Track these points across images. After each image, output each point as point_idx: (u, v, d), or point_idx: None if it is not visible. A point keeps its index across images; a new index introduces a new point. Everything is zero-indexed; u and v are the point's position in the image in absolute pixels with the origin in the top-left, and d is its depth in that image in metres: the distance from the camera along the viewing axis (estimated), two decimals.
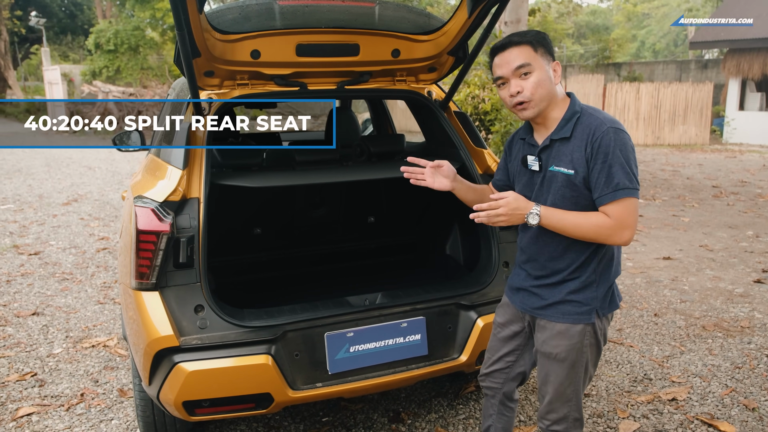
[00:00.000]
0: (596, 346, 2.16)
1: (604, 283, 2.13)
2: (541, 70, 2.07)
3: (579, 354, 2.14)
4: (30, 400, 3.47)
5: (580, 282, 2.11)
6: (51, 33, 34.77)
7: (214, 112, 2.83)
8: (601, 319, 2.14)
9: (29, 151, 16.35)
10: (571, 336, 2.13)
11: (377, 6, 2.94)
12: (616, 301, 2.18)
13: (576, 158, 2.02)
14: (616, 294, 2.20)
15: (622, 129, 2.01)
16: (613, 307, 2.17)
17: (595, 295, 2.11)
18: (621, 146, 1.98)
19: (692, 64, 23.57)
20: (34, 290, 5.32)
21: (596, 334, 2.14)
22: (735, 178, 12.01)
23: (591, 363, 2.18)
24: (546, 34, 2.12)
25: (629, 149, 1.99)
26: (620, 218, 1.96)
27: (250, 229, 3.66)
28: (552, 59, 2.10)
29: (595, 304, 2.11)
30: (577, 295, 2.12)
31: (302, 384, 2.52)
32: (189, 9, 2.20)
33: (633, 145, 2.02)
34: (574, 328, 2.12)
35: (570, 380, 2.18)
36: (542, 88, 2.07)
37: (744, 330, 4.40)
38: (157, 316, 2.36)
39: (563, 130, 2.07)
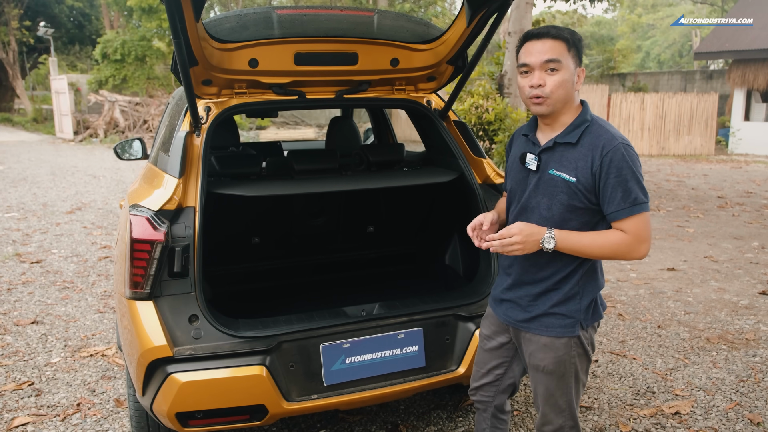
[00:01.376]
0: (584, 355, 2.14)
1: (588, 295, 2.10)
2: (567, 70, 2.01)
3: (567, 366, 2.11)
4: (26, 409, 3.44)
5: (563, 294, 2.09)
6: (59, 43, 34.99)
7: (211, 120, 2.82)
8: (587, 330, 2.12)
9: (35, 159, 16.42)
10: (556, 349, 2.10)
11: (376, 15, 2.93)
12: (600, 311, 2.16)
13: (581, 167, 1.99)
14: (600, 303, 2.17)
15: (630, 145, 2.01)
16: (597, 317, 2.14)
17: (578, 307, 2.09)
18: (633, 162, 1.97)
19: (697, 74, 23.53)
20: (35, 299, 5.31)
21: (583, 344, 2.11)
22: (740, 189, 11.94)
23: (582, 372, 2.16)
24: (581, 38, 2.06)
25: (639, 165, 2.00)
26: (638, 233, 1.95)
27: (248, 239, 3.64)
28: (580, 64, 2.05)
29: (578, 316, 2.09)
30: (560, 308, 2.09)
31: (297, 395, 2.49)
32: (186, 17, 2.19)
33: (636, 159, 2.02)
34: (559, 341, 2.09)
35: (561, 391, 2.15)
36: (563, 89, 2.01)
37: (749, 342, 4.34)
38: (151, 325, 2.34)
39: (570, 135, 2.04)
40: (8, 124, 30.88)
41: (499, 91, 11.12)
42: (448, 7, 35.60)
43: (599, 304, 2.16)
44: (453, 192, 3.31)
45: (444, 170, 3.23)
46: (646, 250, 1.98)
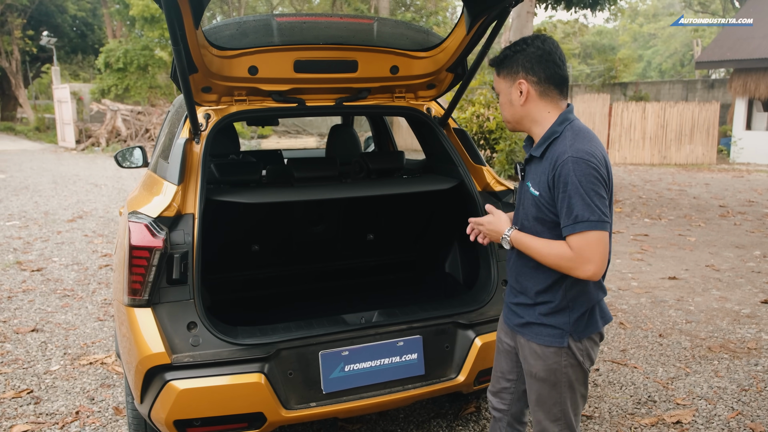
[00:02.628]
0: (578, 366, 2.10)
1: (578, 308, 2.06)
2: (503, 93, 2.10)
3: (558, 374, 2.10)
4: (25, 417, 3.43)
5: (550, 307, 2.07)
6: (62, 52, 35.12)
7: (211, 128, 2.82)
8: (581, 341, 2.08)
9: (37, 168, 16.46)
10: (546, 357, 2.10)
11: (376, 22, 2.94)
12: (597, 324, 2.11)
13: (542, 181, 2.00)
14: (598, 315, 2.12)
15: (584, 158, 1.89)
16: (593, 330, 2.10)
17: (567, 320, 2.06)
18: (581, 176, 1.88)
19: (698, 83, 23.56)
20: (35, 306, 5.30)
21: (575, 355, 2.08)
22: (742, 198, 11.92)
23: (577, 382, 2.13)
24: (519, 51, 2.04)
25: (593, 179, 1.88)
26: (580, 252, 1.88)
27: (248, 246, 3.63)
28: (518, 77, 2.03)
29: (567, 328, 2.06)
30: (549, 319, 2.08)
31: (296, 403, 2.48)
32: (185, 24, 2.20)
33: (601, 175, 1.90)
34: (549, 350, 2.09)
35: (554, 400, 2.13)
36: (504, 110, 2.13)
37: (751, 351, 4.32)
38: (149, 332, 2.34)
39: (537, 149, 2.05)
40: (11, 133, 30.98)
41: None
42: (449, 17, 35.74)
43: (597, 316, 2.11)
44: (453, 199, 3.31)
45: (444, 178, 3.23)
46: (592, 270, 1.89)
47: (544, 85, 2.02)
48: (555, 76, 2.02)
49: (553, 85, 2.03)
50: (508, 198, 3.09)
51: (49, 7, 33.66)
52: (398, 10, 31.27)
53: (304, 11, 34.37)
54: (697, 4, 39.05)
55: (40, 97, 40.43)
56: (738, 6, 33.22)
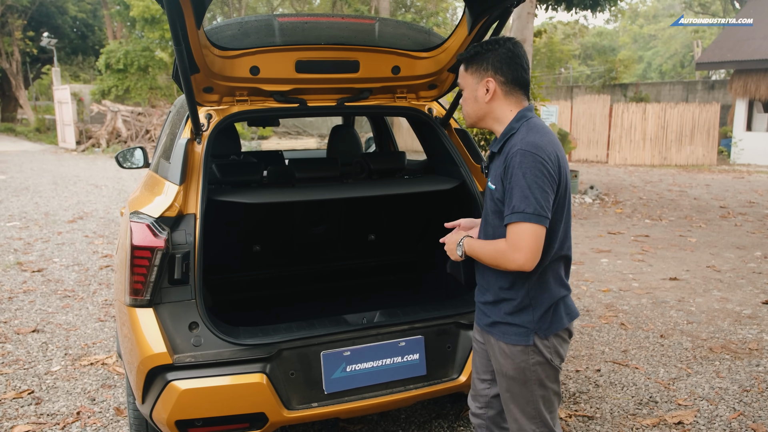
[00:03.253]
0: (547, 364, 2.11)
1: (540, 305, 2.08)
2: (468, 88, 2.15)
3: (527, 373, 2.11)
4: (26, 418, 3.43)
5: (513, 305, 2.09)
6: (62, 53, 35.14)
7: (213, 128, 2.82)
8: (548, 339, 2.10)
9: (38, 169, 16.46)
10: (513, 356, 2.11)
11: (377, 23, 2.94)
12: (562, 321, 2.12)
13: (497, 175, 2.06)
14: (563, 312, 2.12)
15: (531, 151, 1.93)
16: (558, 327, 2.11)
17: (531, 318, 2.07)
18: (526, 169, 1.91)
19: (699, 84, 23.56)
20: (36, 307, 5.30)
21: (542, 353, 2.10)
22: (743, 199, 11.92)
23: (548, 380, 2.14)
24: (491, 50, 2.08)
25: (537, 173, 1.91)
26: (513, 241, 1.93)
27: (249, 247, 3.63)
28: (486, 75, 2.08)
29: (532, 326, 2.08)
30: (513, 318, 2.10)
31: (297, 404, 2.48)
32: (187, 24, 2.20)
33: (547, 170, 1.93)
34: (515, 349, 2.10)
35: (526, 399, 2.15)
36: (466, 106, 2.18)
37: (752, 352, 4.31)
38: (151, 333, 2.33)
39: (495, 145, 2.12)
40: (11, 134, 31.00)
41: None
42: (449, 17, 35.76)
43: (562, 312, 2.12)
44: (454, 200, 3.30)
45: (445, 178, 3.23)
46: (521, 260, 1.92)
47: (510, 85, 2.09)
48: (521, 78, 2.10)
49: (518, 86, 2.10)
50: None
51: (50, 8, 33.70)
52: (398, 11, 31.29)
53: (305, 12, 34.37)
54: (697, 5, 39.07)
55: (41, 98, 40.45)
56: (738, 7, 33.24)
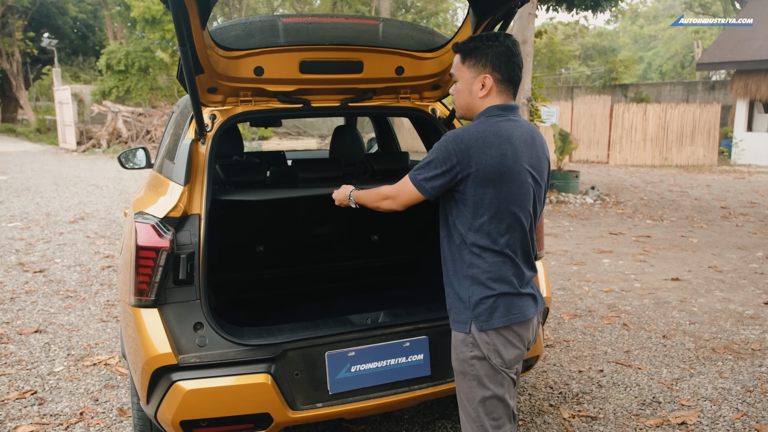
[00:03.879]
0: (485, 361, 2.12)
1: (476, 293, 2.12)
2: (463, 80, 2.18)
3: (466, 365, 2.16)
4: (29, 418, 3.43)
5: (451, 289, 2.20)
6: (63, 54, 35.14)
7: (217, 128, 2.82)
8: (486, 333, 2.11)
9: (38, 169, 16.47)
10: (455, 345, 2.19)
11: (381, 23, 2.94)
12: (498, 318, 2.11)
13: None
14: (503, 308, 2.12)
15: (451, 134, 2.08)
16: (496, 324, 2.11)
17: (467, 304, 2.14)
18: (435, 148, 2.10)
19: (699, 85, 23.57)
20: (38, 308, 5.30)
21: (479, 347, 2.12)
22: (744, 199, 11.92)
23: (488, 380, 2.13)
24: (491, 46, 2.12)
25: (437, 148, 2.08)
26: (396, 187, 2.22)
27: (252, 247, 3.63)
28: (485, 71, 2.13)
29: (468, 314, 2.14)
30: (454, 303, 2.19)
31: (302, 404, 2.48)
32: (192, 25, 2.20)
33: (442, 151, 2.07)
34: (457, 337, 2.18)
35: (466, 395, 2.18)
36: (459, 98, 2.22)
37: (755, 353, 4.31)
38: (156, 333, 2.33)
39: None
40: (11, 135, 31.01)
41: None
42: (450, 18, 35.78)
43: (503, 310, 2.12)
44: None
45: None
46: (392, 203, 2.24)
47: (505, 84, 2.14)
48: (515, 77, 2.15)
49: (511, 85, 2.16)
50: None
51: (50, 8, 33.72)
52: (399, 12, 31.30)
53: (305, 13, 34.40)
54: (698, 5, 39.08)
55: (41, 98, 40.44)
56: (739, 8, 33.25)
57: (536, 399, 3.65)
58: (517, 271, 2.16)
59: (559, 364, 4.14)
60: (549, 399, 3.65)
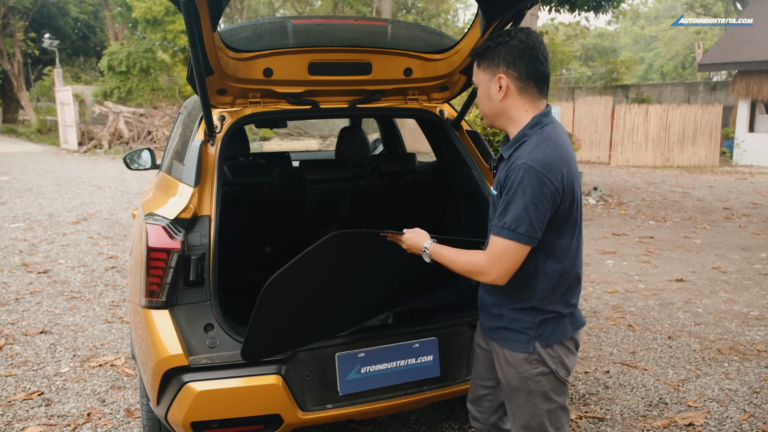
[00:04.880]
0: (551, 375, 2.04)
1: (541, 313, 2.01)
2: (481, 86, 2.04)
3: (531, 383, 2.04)
4: (36, 419, 3.43)
5: (512, 309, 2.04)
6: (64, 55, 35.13)
7: (226, 130, 2.82)
8: (551, 347, 2.02)
9: (40, 170, 16.47)
10: (517, 364, 2.05)
11: (390, 25, 2.95)
12: (567, 329, 2.05)
13: (499, 180, 1.99)
14: (568, 320, 2.06)
15: (536, 169, 1.84)
16: (562, 335, 2.04)
17: (531, 324, 2.01)
18: (526, 187, 1.83)
19: (701, 86, 23.57)
20: (43, 308, 5.30)
21: (545, 362, 2.02)
22: (746, 200, 11.92)
23: (553, 393, 2.06)
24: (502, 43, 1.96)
25: (537, 193, 1.83)
26: (493, 255, 1.89)
27: (260, 248, 3.63)
28: (498, 71, 1.96)
29: (532, 333, 2.01)
30: (513, 323, 2.04)
31: (312, 405, 2.48)
32: (203, 27, 2.21)
33: (549, 191, 1.85)
34: (518, 356, 2.04)
35: (530, 412, 2.07)
36: (482, 104, 2.06)
37: (761, 354, 4.31)
38: (167, 334, 2.34)
39: (507, 151, 2.01)
40: (13, 135, 31.00)
41: None
42: (450, 19, 35.79)
43: (567, 322, 2.06)
44: (465, 201, 3.31)
45: None
46: (494, 274, 1.90)
47: (525, 81, 1.96)
48: (536, 72, 1.95)
49: (533, 82, 1.96)
50: None
51: (51, 9, 33.74)
52: (400, 13, 31.31)
53: (305, 14, 34.45)
54: (699, 6, 39.08)
55: (42, 99, 40.45)
56: (740, 8, 33.26)
57: None
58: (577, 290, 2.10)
59: None
60: None
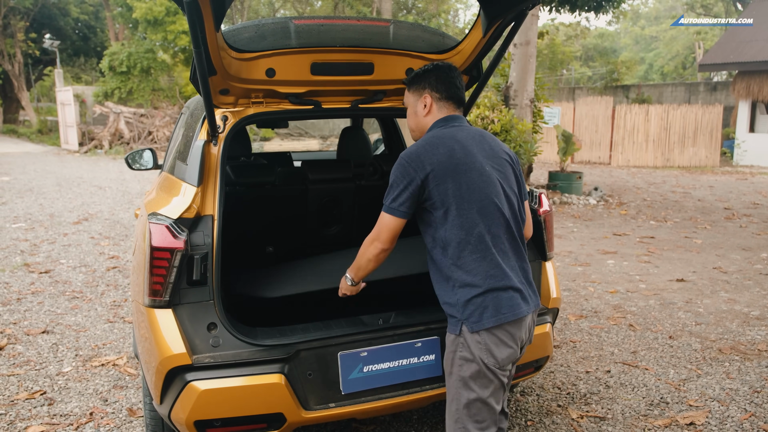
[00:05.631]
0: (471, 362, 2.16)
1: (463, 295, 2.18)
2: (410, 105, 2.46)
3: (452, 366, 2.23)
4: (39, 418, 3.44)
5: (440, 289, 2.27)
6: (64, 55, 35.13)
7: (229, 130, 2.83)
8: (478, 333, 2.15)
9: (41, 170, 16.48)
10: (448, 345, 2.27)
11: (392, 25, 2.95)
12: (489, 319, 2.15)
13: None
14: (492, 307, 2.16)
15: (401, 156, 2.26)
16: (485, 324, 2.15)
17: (456, 307, 2.20)
18: (392, 172, 2.26)
19: (701, 86, 23.58)
20: (44, 308, 5.32)
21: (469, 348, 2.16)
22: (747, 200, 11.93)
23: (473, 381, 2.17)
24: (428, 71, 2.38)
25: (395, 174, 2.24)
26: (376, 227, 2.29)
27: (262, 248, 3.64)
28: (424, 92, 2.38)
29: (459, 315, 2.20)
30: (447, 307, 2.26)
31: (315, 404, 2.49)
32: (206, 27, 2.22)
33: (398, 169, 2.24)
34: (449, 338, 2.25)
35: (451, 394, 2.23)
36: (410, 120, 2.48)
37: (762, 353, 4.32)
38: (170, 333, 2.35)
39: None
40: (13, 136, 31.02)
41: (505, 103, 11.16)
42: (451, 19, 35.79)
43: (492, 310, 2.15)
44: None
45: None
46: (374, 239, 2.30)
47: (445, 101, 2.37)
48: (454, 94, 2.38)
49: (452, 101, 2.38)
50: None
51: (52, 10, 33.74)
52: (400, 13, 31.32)
53: (306, 14, 34.47)
54: (699, 6, 39.08)
55: (42, 99, 40.46)
56: (741, 9, 33.25)
57: (544, 399, 3.66)
58: (501, 263, 2.20)
59: (567, 365, 4.15)
60: (557, 399, 3.66)
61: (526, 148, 10.33)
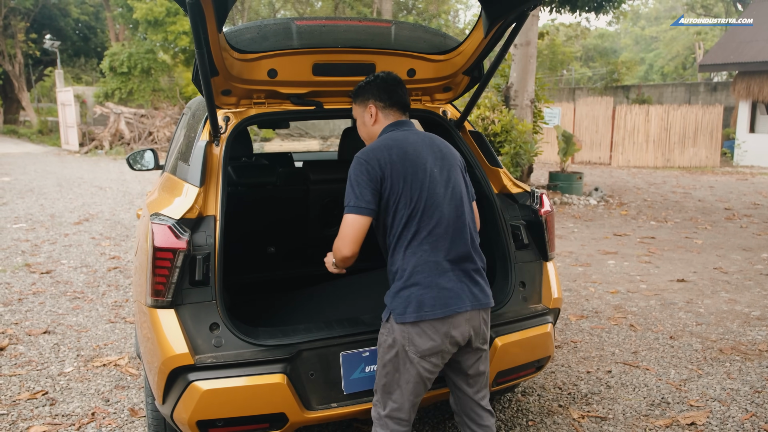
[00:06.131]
0: (393, 349, 2.26)
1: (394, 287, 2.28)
2: (358, 116, 2.56)
3: (379, 347, 2.34)
4: (41, 419, 3.44)
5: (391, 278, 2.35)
6: (65, 56, 35.13)
7: (231, 130, 2.83)
8: (405, 326, 2.23)
9: (41, 171, 16.49)
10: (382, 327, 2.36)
11: (393, 26, 2.96)
12: (411, 314, 2.22)
13: None
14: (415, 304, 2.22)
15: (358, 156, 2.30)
16: (407, 318, 2.22)
17: (388, 296, 2.31)
18: (351, 171, 2.28)
19: (701, 86, 23.58)
20: (46, 309, 5.32)
21: (393, 335, 2.25)
22: (747, 201, 11.94)
23: (391, 367, 2.28)
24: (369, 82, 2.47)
25: (354, 173, 2.27)
26: (340, 230, 2.26)
27: (263, 248, 3.65)
28: (368, 102, 2.47)
29: (387, 303, 2.30)
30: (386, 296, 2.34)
31: (317, 404, 2.50)
32: (209, 28, 2.22)
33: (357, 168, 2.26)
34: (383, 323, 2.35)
35: (377, 372, 2.35)
36: (360, 131, 2.58)
37: (762, 353, 4.33)
38: (172, 333, 2.35)
39: None
40: (14, 136, 31.03)
41: (505, 103, 11.16)
42: (451, 20, 35.80)
43: (414, 305, 2.22)
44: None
45: None
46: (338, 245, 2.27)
47: (389, 108, 2.45)
48: (398, 101, 2.45)
49: (396, 107, 2.45)
50: (525, 200, 3.11)
51: (52, 10, 33.76)
52: (400, 13, 31.33)
53: (307, 15, 34.47)
54: (699, 7, 39.09)
55: (43, 100, 40.47)
56: (741, 9, 33.26)
57: (545, 399, 3.66)
58: (435, 261, 2.26)
59: (567, 365, 4.15)
60: (558, 400, 3.66)
61: (527, 149, 10.34)
